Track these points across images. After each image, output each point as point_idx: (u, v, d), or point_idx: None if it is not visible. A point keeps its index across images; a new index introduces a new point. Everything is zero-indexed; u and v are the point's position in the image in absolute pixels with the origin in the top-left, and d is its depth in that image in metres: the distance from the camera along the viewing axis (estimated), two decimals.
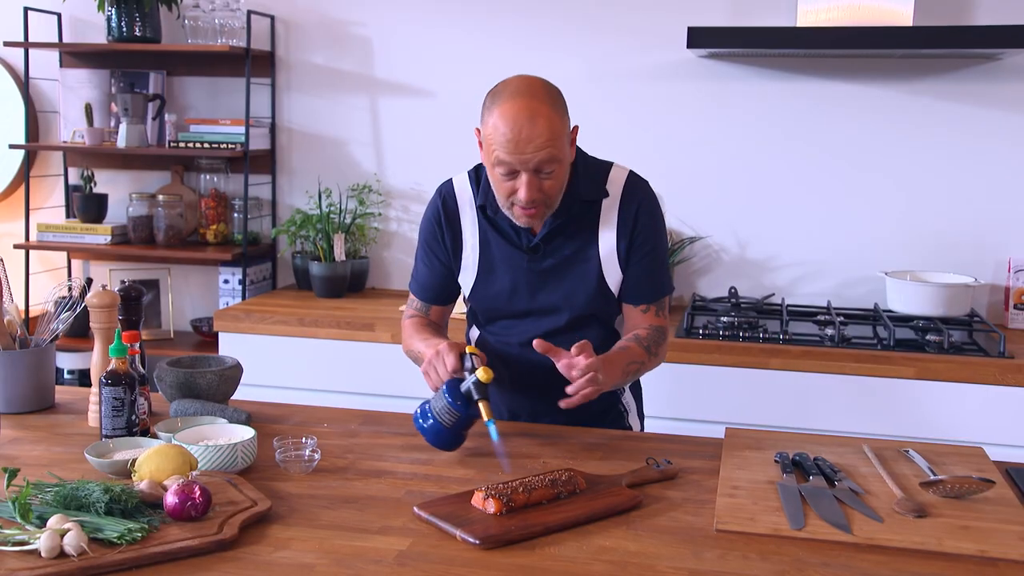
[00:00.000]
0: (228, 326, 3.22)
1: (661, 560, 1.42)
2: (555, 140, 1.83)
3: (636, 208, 1.99)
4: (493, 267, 2.04)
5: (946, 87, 3.20)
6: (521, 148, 1.82)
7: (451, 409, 1.80)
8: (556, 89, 1.90)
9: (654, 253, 2.02)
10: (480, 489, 1.57)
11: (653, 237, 2.01)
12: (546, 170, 1.85)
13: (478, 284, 2.06)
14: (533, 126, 1.81)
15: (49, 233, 3.65)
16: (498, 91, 1.88)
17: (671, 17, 3.31)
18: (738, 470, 1.75)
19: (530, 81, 1.88)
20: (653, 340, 2.01)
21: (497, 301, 2.06)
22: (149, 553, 1.37)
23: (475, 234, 2.05)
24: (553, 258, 2.00)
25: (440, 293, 2.14)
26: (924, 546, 1.46)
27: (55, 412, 2.08)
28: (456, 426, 1.81)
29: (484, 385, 1.78)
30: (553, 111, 1.84)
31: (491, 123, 1.85)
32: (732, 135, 3.36)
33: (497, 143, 1.84)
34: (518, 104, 1.82)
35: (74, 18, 3.76)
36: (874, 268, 3.29)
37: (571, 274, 2.00)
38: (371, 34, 3.57)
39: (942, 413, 2.75)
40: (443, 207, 2.07)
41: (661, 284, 2.05)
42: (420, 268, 2.14)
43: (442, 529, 1.50)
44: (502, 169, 1.86)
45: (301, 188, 3.69)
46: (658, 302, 2.05)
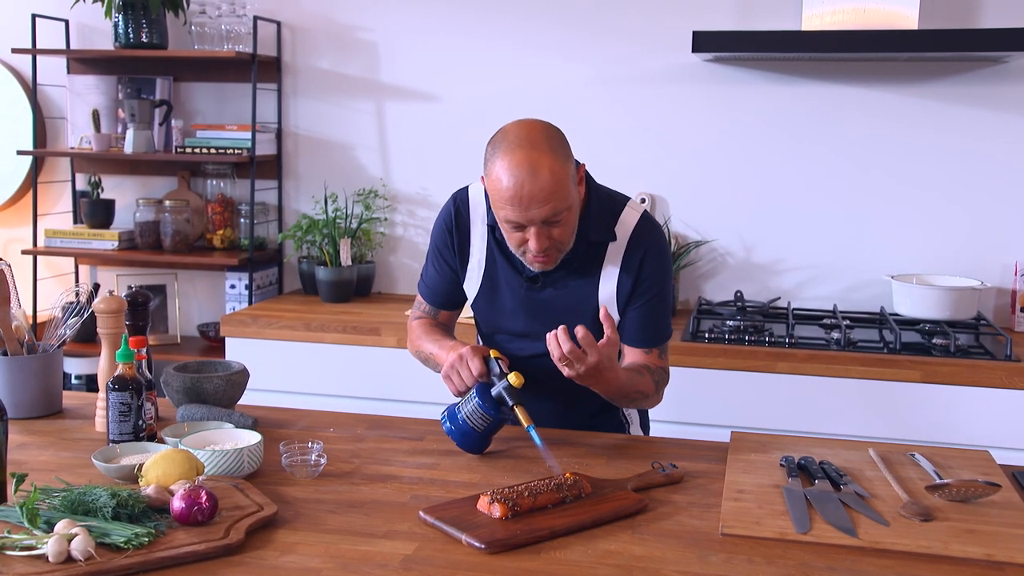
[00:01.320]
0: (234, 331, 3.22)
1: (666, 564, 1.42)
2: (559, 190, 1.79)
3: (642, 255, 1.96)
4: (496, 285, 2.04)
5: (951, 90, 3.20)
6: (526, 205, 1.78)
7: (483, 414, 1.81)
8: (557, 131, 1.86)
9: (658, 299, 2.00)
10: (486, 494, 1.57)
11: (658, 284, 1.99)
12: (554, 220, 1.82)
13: (480, 298, 2.07)
14: (535, 180, 1.76)
15: (57, 239, 3.66)
16: (497, 141, 1.84)
17: (676, 21, 3.31)
18: (743, 474, 1.75)
19: (529, 128, 1.83)
20: (659, 379, 2.02)
21: (497, 318, 2.06)
22: (156, 558, 1.38)
23: (483, 249, 2.04)
24: (553, 289, 1.99)
25: (448, 298, 2.14)
26: (930, 550, 1.46)
27: (62, 417, 2.09)
28: (487, 430, 1.83)
29: (516, 390, 1.79)
30: (555, 159, 1.79)
31: (494, 176, 1.81)
32: (737, 139, 3.36)
33: (501, 199, 1.81)
34: (518, 157, 1.77)
35: (81, 25, 3.78)
36: (880, 271, 3.28)
37: (568, 308, 1.98)
38: (377, 39, 3.58)
39: (948, 417, 2.74)
40: (455, 215, 2.06)
41: (662, 330, 2.04)
42: (430, 271, 2.14)
43: (447, 533, 1.50)
44: (510, 224, 1.85)
45: (307, 193, 3.70)
46: (659, 346, 2.04)
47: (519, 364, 2.02)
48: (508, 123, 1.87)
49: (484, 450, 1.87)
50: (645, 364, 2.00)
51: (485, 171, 1.85)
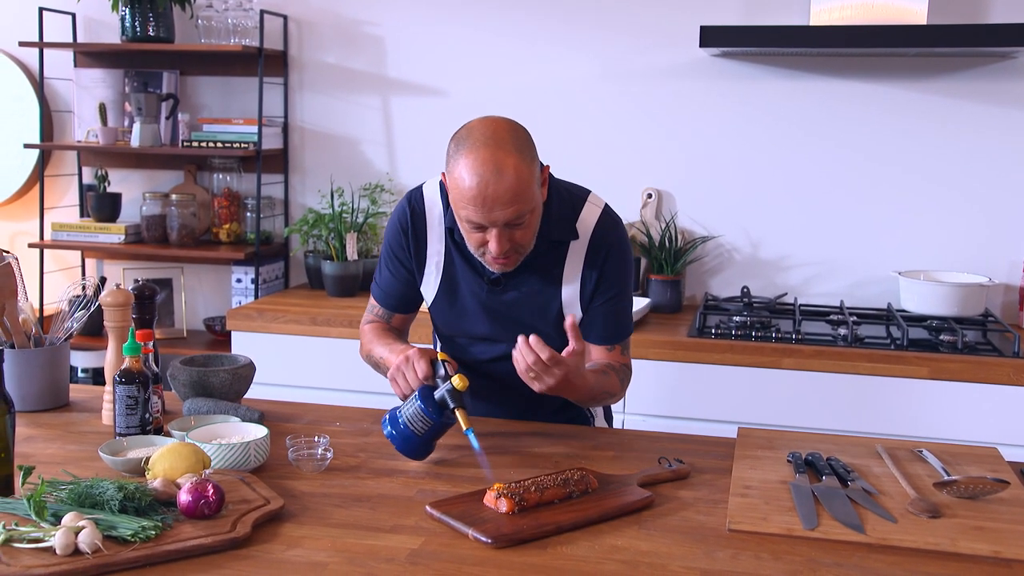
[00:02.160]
0: (241, 325, 3.22)
1: (673, 560, 1.42)
2: (523, 192, 1.75)
3: (604, 255, 1.94)
4: (455, 287, 2.00)
5: (960, 86, 3.19)
6: (489, 206, 1.74)
7: (424, 417, 1.74)
8: (523, 130, 1.81)
9: (620, 297, 1.99)
10: (492, 488, 1.57)
11: (620, 282, 1.98)
12: (517, 223, 1.78)
13: (439, 300, 2.03)
14: (500, 180, 1.72)
15: (63, 232, 3.67)
16: (461, 138, 1.78)
17: (684, 16, 3.30)
18: (750, 470, 1.75)
19: (495, 127, 1.78)
20: (623, 376, 2.03)
21: (456, 321, 2.03)
22: (162, 551, 1.38)
23: (440, 252, 1.99)
24: (515, 291, 1.96)
25: (403, 301, 2.09)
26: (938, 547, 1.46)
27: (69, 410, 2.09)
28: (428, 435, 1.76)
29: (460, 393, 1.73)
30: (521, 160, 1.74)
31: (456, 174, 1.76)
32: (744, 134, 3.35)
33: (463, 199, 1.76)
34: (482, 156, 1.72)
35: (88, 18, 3.78)
36: (887, 268, 3.27)
37: (531, 309, 1.96)
38: (384, 33, 3.58)
39: (956, 413, 2.73)
40: (411, 215, 2.01)
41: (625, 327, 2.03)
42: (384, 274, 2.08)
43: (454, 528, 1.50)
44: (470, 225, 1.80)
45: (313, 187, 3.70)
46: (622, 343, 2.04)
47: (481, 367, 2.02)
48: (473, 119, 1.82)
49: (426, 457, 1.78)
50: (609, 363, 1.99)
51: (447, 168, 1.81)
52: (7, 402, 1.58)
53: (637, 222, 3.41)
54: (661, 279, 3.27)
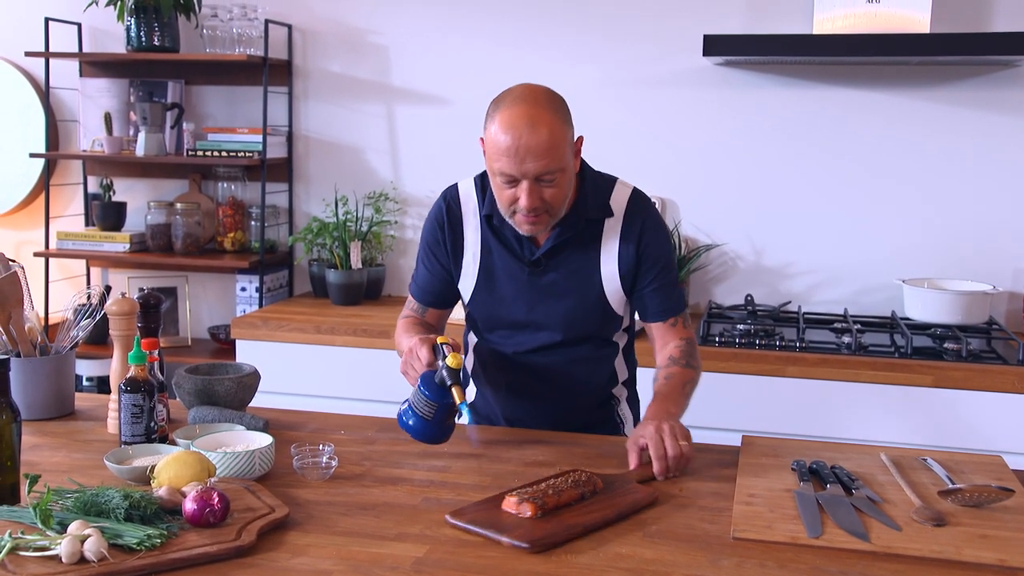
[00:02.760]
0: (245, 333, 3.23)
1: (678, 568, 1.42)
2: (556, 148, 1.81)
3: (640, 228, 1.98)
4: (494, 276, 2.03)
5: (963, 94, 3.19)
6: (521, 156, 1.80)
7: (427, 400, 1.79)
8: (560, 98, 1.88)
9: (667, 270, 2.02)
10: (511, 494, 1.58)
11: (663, 254, 2.01)
12: (547, 178, 1.83)
13: (477, 292, 2.06)
14: (533, 133, 1.79)
15: (68, 241, 3.68)
16: (501, 98, 1.87)
17: (687, 24, 3.31)
18: (755, 478, 1.74)
19: (533, 88, 1.86)
20: (689, 355, 2.02)
21: (496, 310, 2.05)
22: (168, 559, 1.38)
23: (477, 242, 2.04)
24: (555, 273, 1.99)
25: (438, 297, 2.13)
26: (943, 555, 1.46)
27: (75, 419, 2.10)
28: (437, 418, 1.79)
29: (455, 371, 1.77)
30: (555, 118, 1.82)
31: (492, 130, 1.84)
32: (748, 142, 3.35)
33: (498, 151, 1.83)
34: (519, 111, 1.81)
35: (94, 28, 3.80)
36: (891, 275, 3.27)
37: (572, 291, 1.99)
38: (388, 43, 3.59)
39: (960, 421, 2.73)
40: (447, 212, 2.07)
41: (680, 297, 2.06)
42: (420, 270, 2.14)
43: (485, 536, 1.50)
44: (503, 177, 1.85)
45: (318, 196, 3.71)
46: (682, 314, 2.05)
47: (522, 360, 2.05)
48: (513, 85, 1.89)
49: (444, 440, 1.83)
50: (674, 348, 2.01)
51: (485, 126, 1.87)
52: (13, 410, 1.59)
53: None
54: None
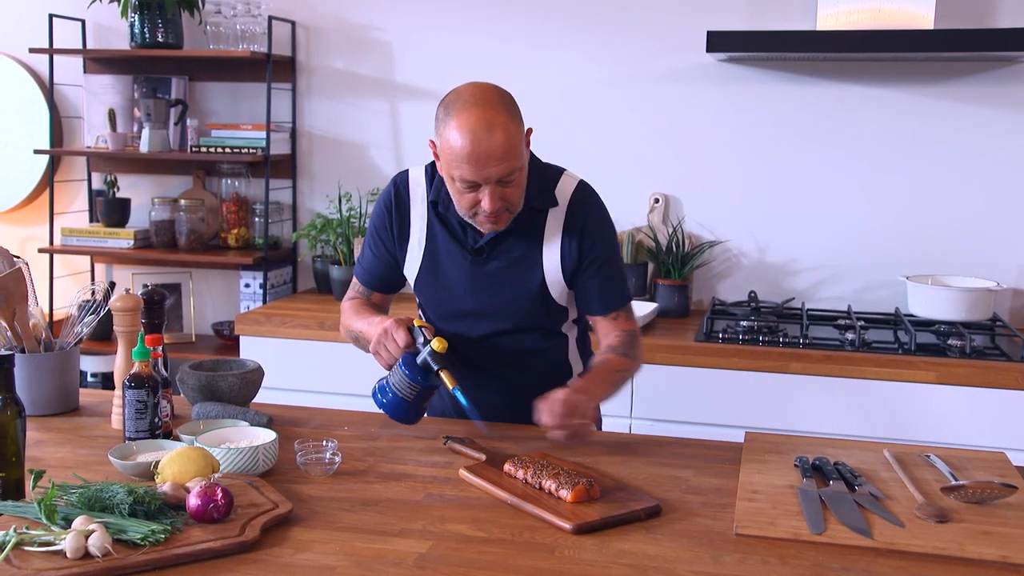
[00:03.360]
0: (249, 329, 3.24)
1: (680, 564, 1.42)
2: (514, 148, 1.81)
3: (583, 220, 1.97)
4: (438, 263, 2.03)
5: (967, 90, 3.19)
6: (483, 163, 1.79)
7: (411, 383, 1.83)
8: (508, 93, 1.87)
9: (609, 263, 2.01)
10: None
11: (605, 248, 2.00)
12: (508, 179, 1.83)
13: (421, 278, 2.06)
14: (492, 138, 1.78)
15: (73, 237, 3.68)
16: (450, 102, 1.84)
17: (690, 21, 3.31)
18: (758, 474, 1.75)
19: (483, 89, 1.85)
20: (628, 345, 2.02)
21: (440, 297, 2.05)
22: (172, 554, 1.39)
23: (423, 228, 2.03)
24: (497, 262, 1.99)
25: (383, 281, 2.13)
26: (945, 551, 1.46)
27: (79, 415, 2.10)
28: (417, 399, 1.86)
29: (441, 355, 1.81)
30: (509, 118, 1.81)
31: (449, 136, 1.81)
32: (751, 139, 3.35)
33: (456, 158, 1.81)
34: (474, 115, 1.79)
35: (98, 24, 3.80)
36: (895, 272, 3.27)
37: (514, 279, 1.99)
38: (391, 39, 3.59)
39: (964, 418, 2.73)
40: (395, 196, 2.07)
41: (621, 292, 2.04)
42: (366, 253, 2.13)
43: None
44: (464, 184, 1.84)
45: (321, 192, 3.71)
46: (624, 308, 2.04)
47: (468, 348, 2.05)
48: (460, 85, 1.88)
49: (417, 421, 1.92)
50: (614, 338, 2.01)
51: (438, 132, 1.86)
52: (18, 406, 1.59)
53: (644, 227, 3.42)
54: (668, 284, 3.27)
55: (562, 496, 1.59)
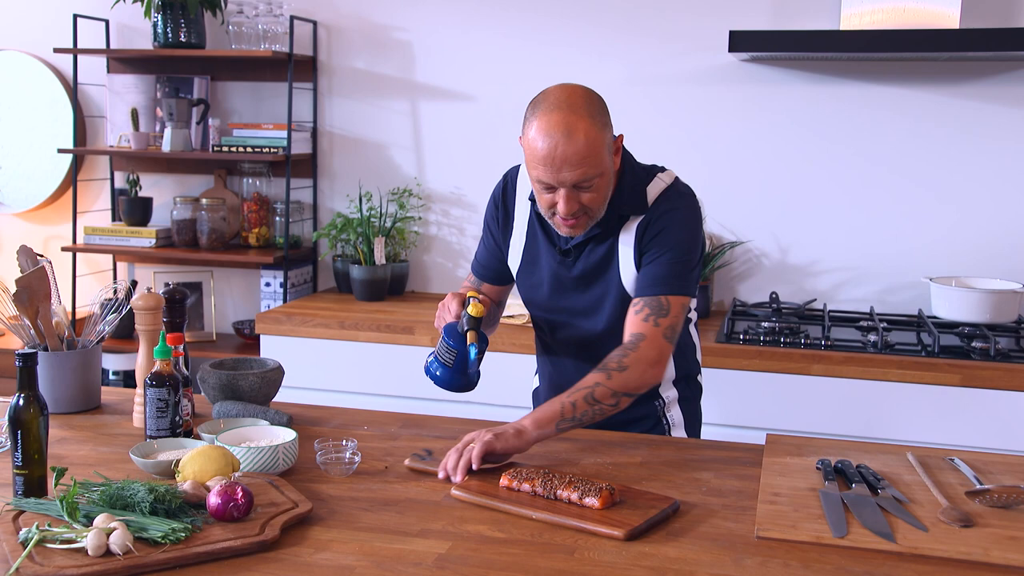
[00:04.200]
0: (269, 328, 3.25)
1: (701, 567, 1.42)
2: (592, 156, 1.80)
3: (656, 217, 1.92)
4: (536, 260, 2.05)
5: (993, 90, 3.16)
6: (558, 166, 1.80)
7: (448, 347, 1.90)
8: (597, 98, 1.86)
9: (664, 250, 1.90)
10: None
11: (666, 238, 1.90)
12: (585, 184, 1.83)
13: (520, 273, 2.09)
14: (569, 142, 1.78)
15: (95, 236, 3.71)
16: (537, 102, 1.85)
17: (713, 21, 3.29)
18: (779, 477, 1.73)
19: (570, 92, 1.83)
20: (618, 354, 1.86)
21: (534, 293, 2.08)
22: (192, 553, 1.39)
23: (525, 223, 2.06)
24: (583, 265, 1.99)
25: (493, 272, 2.15)
26: (970, 556, 1.44)
27: (101, 412, 2.11)
28: (457, 365, 1.90)
29: (475, 319, 1.88)
30: (591, 124, 1.80)
31: (529, 136, 1.83)
32: (774, 139, 3.33)
33: (535, 158, 1.82)
34: (555, 118, 1.79)
35: (121, 24, 3.82)
36: (918, 273, 3.24)
37: (598, 282, 2.00)
38: (412, 39, 3.59)
39: (988, 421, 2.70)
40: (503, 190, 2.11)
41: (663, 281, 1.89)
42: (479, 245, 2.19)
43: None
44: (541, 184, 1.86)
45: (342, 192, 3.72)
46: (656, 300, 1.88)
47: (559, 341, 2.09)
48: (551, 86, 1.87)
49: (467, 389, 1.93)
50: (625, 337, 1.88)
51: (523, 131, 1.86)
52: (41, 404, 1.60)
53: None
54: None
55: (587, 504, 1.58)
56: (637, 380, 1.84)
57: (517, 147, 1.92)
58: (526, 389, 2.36)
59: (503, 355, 2.98)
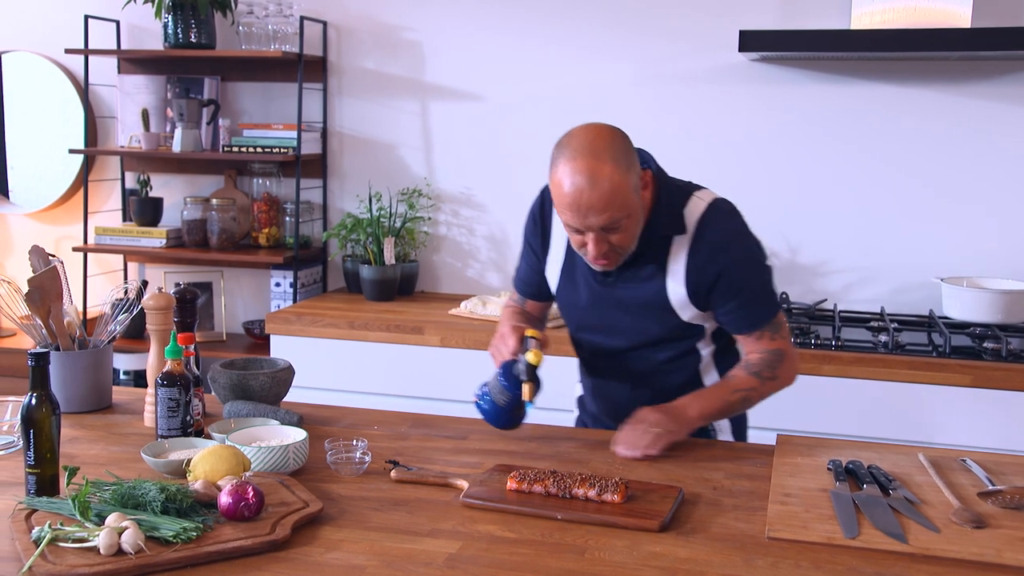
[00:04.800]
0: (279, 328, 3.25)
1: (712, 567, 1.41)
2: (618, 200, 1.78)
3: (710, 244, 1.91)
4: (574, 277, 2.04)
5: (1004, 90, 3.14)
6: (583, 213, 1.79)
7: (502, 389, 1.86)
8: (621, 138, 1.84)
9: (743, 283, 1.94)
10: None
11: (738, 268, 1.93)
12: (612, 227, 1.82)
13: (560, 289, 2.08)
14: (594, 189, 1.76)
15: (106, 236, 3.72)
16: (562, 145, 1.83)
17: (722, 20, 3.28)
18: (790, 477, 1.73)
19: (594, 135, 1.81)
20: (766, 364, 1.97)
21: (573, 310, 2.08)
22: (203, 552, 1.39)
23: (563, 241, 2.05)
24: (623, 285, 1.98)
25: (535, 288, 2.15)
26: (982, 557, 1.44)
27: (112, 412, 2.12)
28: (508, 406, 1.87)
29: (533, 367, 1.83)
30: (615, 168, 1.78)
31: (556, 180, 1.81)
32: (784, 139, 3.32)
33: (561, 204, 1.82)
34: (579, 165, 1.77)
35: (132, 25, 3.84)
36: (929, 274, 3.23)
37: (639, 304, 1.97)
38: (422, 39, 3.59)
39: (1000, 422, 2.69)
40: (540, 206, 2.09)
41: (761, 311, 1.98)
42: (520, 261, 2.18)
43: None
44: (569, 228, 1.86)
45: (352, 192, 3.73)
46: (767, 326, 1.97)
47: (599, 358, 2.09)
48: (576, 126, 1.86)
49: (511, 427, 1.92)
50: (755, 355, 1.98)
51: (549, 172, 1.85)
52: (52, 403, 1.61)
53: None
54: None
55: (606, 499, 1.59)
56: (779, 389, 2.03)
57: (526, 147, 1.93)
58: None
59: None
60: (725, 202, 1.99)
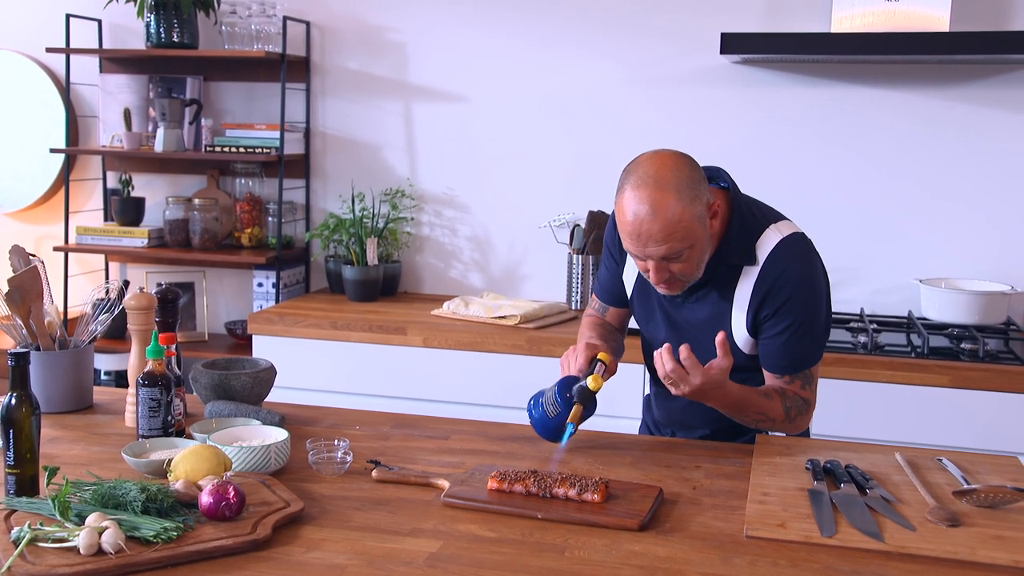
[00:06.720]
0: (262, 329, 3.25)
1: (690, 566, 1.42)
2: (679, 231, 1.78)
3: (774, 280, 1.90)
4: (647, 289, 2.04)
5: (983, 93, 3.17)
6: (643, 242, 1.80)
7: (555, 402, 1.87)
8: (688, 167, 1.83)
9: (794, 329, 1.91)
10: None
11: (796, 313, 1.91)
12: (672, 257, 1.82)
13: (634, 298, 2.10)
14: (654, 220, 1.77)
15: (87, 236, 3.70)
16: (629, 172, 1.84)
17: (705, 22, 3.30)
18: (768, 477, 1.74)
19: (659, 165, 1.81)
20: (796, 406, 1.94)
21: (645, 322, 2.09)
22: (184, 552, 1.39)
23: None
24: (690, 309, 1.99)
25: (615, 296, 2.15)
26: (957, 555, 1.45)
27: (93, 412, 2.12)
28: (555, 421, 1.87)
29: (589, 392, 1.83)
30: (678, 200, 1.78)
31: (619, 206, 1.83)
32: (764, 141, 3.34)
33: (623, 231, 1.83)
34: (641, 195, 1.78)
35: (114, 24, 3.82)
36: (908, 275, 3.26)
37: (702, 328, 1.97)
38: (405, 39, 3.60)
39: (976, 422, 2.72)
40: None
41: (800, 359, 1.95)
42: (601, 268, 2.18)
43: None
44: (631, 254, 1.87)
45: (335, 192, 3.72)
46: (800, 375, 1.95)
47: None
48: (645, 153, 1.87)
49: (555, 440, 1.89)
50: (779, 388, 1.95)
51: (616, 197, 1.86)
52: (32, 403, 1.61)
53: None
54: None
55: (587, 499, 1.60)
56: (784, 432, 2.00)
57: (509, 149, 1.94)
58: (518, 388, 2.38)
59: (499, 356, 2.99)
60: (801, 238, 1.99)
